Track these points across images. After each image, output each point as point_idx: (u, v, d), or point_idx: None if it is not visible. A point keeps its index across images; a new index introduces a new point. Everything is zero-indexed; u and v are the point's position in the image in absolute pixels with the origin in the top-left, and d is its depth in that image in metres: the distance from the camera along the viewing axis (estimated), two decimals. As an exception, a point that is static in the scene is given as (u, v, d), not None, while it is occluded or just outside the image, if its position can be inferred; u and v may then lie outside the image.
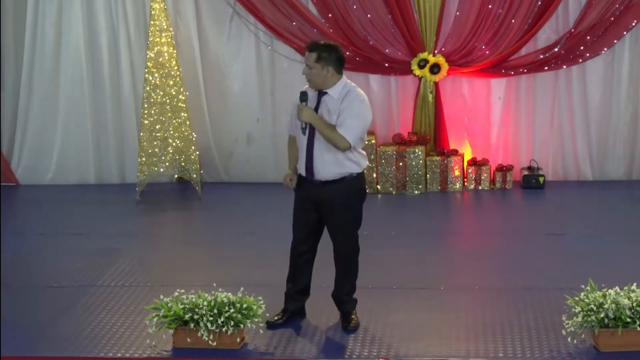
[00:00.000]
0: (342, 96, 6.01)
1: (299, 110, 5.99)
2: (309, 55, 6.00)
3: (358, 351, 5.85)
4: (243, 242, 8.14)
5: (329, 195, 6.02)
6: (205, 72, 10.14)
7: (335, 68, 6.02)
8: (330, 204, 6.04)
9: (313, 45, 6.05)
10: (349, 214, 6.11)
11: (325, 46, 6.04)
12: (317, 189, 6.05)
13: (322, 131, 5.95)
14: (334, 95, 6.01)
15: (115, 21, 10.08)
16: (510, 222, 8.80)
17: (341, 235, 6.12)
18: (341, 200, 6.04)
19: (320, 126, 5.95)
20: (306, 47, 6.09)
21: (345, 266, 6.20)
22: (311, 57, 5.98)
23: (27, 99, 10.25)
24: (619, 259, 7.45)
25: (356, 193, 6.13)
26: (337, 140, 5.93)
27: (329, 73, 6.01)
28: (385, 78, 10.06)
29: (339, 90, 6.03)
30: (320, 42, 6.15)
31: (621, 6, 9.53)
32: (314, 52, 5.99)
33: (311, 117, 5.97)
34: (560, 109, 9.99)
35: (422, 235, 8.36)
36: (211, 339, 5.75)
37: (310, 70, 6.00)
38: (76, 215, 9.24)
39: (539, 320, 6.23)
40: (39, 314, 6.56)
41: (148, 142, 9.48)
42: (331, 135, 5.94)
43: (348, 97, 6.00)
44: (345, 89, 6.04)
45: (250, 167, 10.20)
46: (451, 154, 9.85)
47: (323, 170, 6.01)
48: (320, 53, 5.98)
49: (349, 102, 5.99)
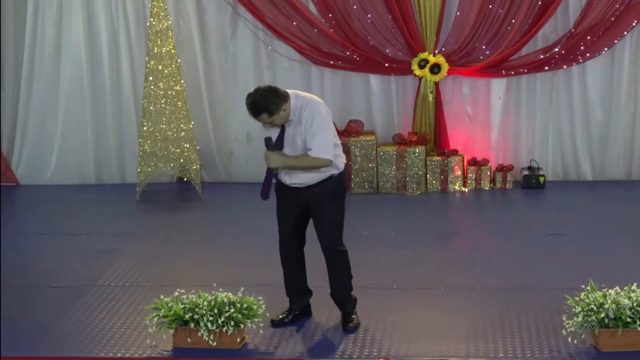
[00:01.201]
0: (298, 115, 5.92)
1: (267, 159, 5.95)
2: (261, 118, 5.83)
3: (358, 351, 5.85)
4: (243, 242, 8.15)
5: (314, 197, 6.04)
6: (205, 72, 10.14)
7: (285, 102, 5.87)
8: (315, 204, 6.05)
9: (255, 109, 5.81)
10: (334, 212, 6.10)
11: (265, 99, 5.81)
12: (301, 193, 6.06)
13: (298, 167, 5.96)
14: (292, 118, 5.95)
15: (115, 21, 10.09)
16: (510, 222, 8.80)
17: (328, 235, 6.10)
18: (327, 199, 6.05)
19: (294, 164, 5.96)
20: (250, 110, 5.83)
21: (335, 266, 6.19)
22: (264, 117, 5.83)
23: (27, 99, 10.25)
24: (619, 259, 7.45)
25: (339, 192, 6.13)
26: (317, 163, 5.93)
27: (286, 109, 5.89)
28: (386, 78, 10.06)
29: (294, 112, 5.93)
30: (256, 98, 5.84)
31: (621, 6, 9.52)
32: (263, 113, 5.81)
33: (281, 162, 5.95)
34: (560, 109, 9.99)
35: (422, 235, 8.36)
36: (211, 338, 5.75)
37: (272, 123, 5.89)
38: (76, 215, 9.24)
39: (539, 320, 6.23)
40: (39, 314, 6.56)
41: (148, 142, 9.48)
42: (309, 164, 5.94)
43: (304, 116, 5.90)
44: (297, 107, 5.92)
45: (250, 167, 10.20)
46: (451, 154, 9.85)
47: (305, 180, 6.03)
48: (269, 108, 5.81)
49: (307, 122, 5.89)
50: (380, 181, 9.82)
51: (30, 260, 7.87)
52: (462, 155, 9.90)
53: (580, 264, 7.33)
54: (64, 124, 10.28)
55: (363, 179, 9.82)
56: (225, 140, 10.30)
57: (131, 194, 9.69)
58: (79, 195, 10.01)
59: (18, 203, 9.82)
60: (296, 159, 5.96)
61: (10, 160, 10.45)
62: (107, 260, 7.67)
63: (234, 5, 9.97)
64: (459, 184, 9.81)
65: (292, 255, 6.25)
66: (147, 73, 9.44)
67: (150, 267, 7.55)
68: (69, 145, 10.32)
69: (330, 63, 9.92)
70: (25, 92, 10.23)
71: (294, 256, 6.25)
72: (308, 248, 6.28)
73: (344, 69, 9.95)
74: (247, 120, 10.09)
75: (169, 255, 7.91)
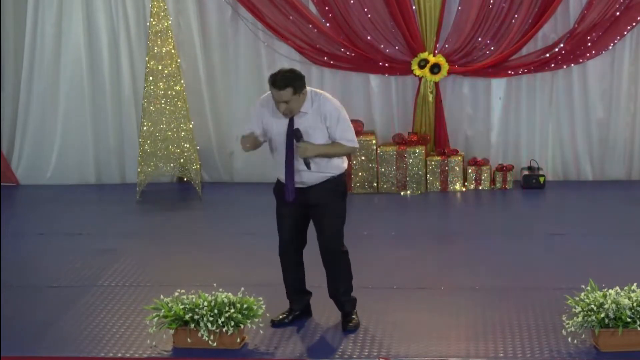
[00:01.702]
0: (314, 109, 5.92)
1: (303, 149, 5.87)
2: (284, 93, 5.79)
3: (358, 351, 5.85)
4: (243, 242, 8.14)
5: (317, 197, 6.02)
6: (205, 72, 10.14)
7: (305, 88, 5.91)
8: (318, 204, 6.03)
9: (284, 81, 5.80)
10: (336, 212, 6.09)
11: (294, 75, 5.86)
12: (302, 194, 6.03)
13: (331, 154, 5.96)
14: (307, 111, 5.93)
15: (115, 21, 10.09)
16: (510, 222, 8.80)
17: (330, 235, 6.09)
18: (329, 199, 6.04)
19: (328, 152, 5.95)
20: (275, 85, 5.79)
21: (336, 266, 6.17)
22: (287, 93, 5.81)
23: (27, 99, 10.25)
24: (619, 259, 7.45)
25: (341, 192, 6.13)
26: (347, 151, 6.05)
27: (305, 95, 5.92)
28: (386, 78, 10.06)
29: (310, 105, 5.94)
30: (285, 72, 5.88)
31: (622, 6, 9.52)
32: (289, 87, 5.80)
33: (316, 151, 5.92)
34: (560, 108, 9.99)
35: (422, 235, 8.36)
36: (211, 339, 5.75)
37: (289, 105, 5.86)
38: (76, 215, 9.25)
39: (539, 320, 6.23)
40: (39, 313, 6.56)
41: (148, 142, 9.48)
42: (340, 151, 6.00)
43: (327, 110, 5.92)
44: (315, 102, 5.94)
45: (250, 167, 10.20)
46: (451, 153, 9.85)
47: (310, 179, 6.01)
48: (295, 84, 5.82)
49: (332, 115, 5.92)
50: (380, 181, 9.82)
51: (30, 260, 7.87)
52: (462, 155, 9.90)
53: (580, 264, 7.33)
54: (64, 124, 10.28)
55: (363, 179, 9.82)
56: (225, 140, 10.30)
57: (131, 194, 9.70)
58: (79, 195, 10.02)
59: (18, 203, 9.82)
60: (328, 147, 5.96)
61: (10, 160, 10.46)
62: (107, 260, 7.67)
63: (234, 5, 9.97)
64: (459, 184, 9.81)
65: (292, 259, 6.23)
66: (147, 73, 9.44)
67: (150, 267, 7.55)
68: (69, 145, 10.33)
69: (330, 63, 9.93)
70: (25, 92, 10.24)
71: (294, 260, 6.24)
72: (307, 248, 6.27)
73: (344, 69, 9.95)
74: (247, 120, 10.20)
75: (169, 255, 7.91)
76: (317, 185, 6.02)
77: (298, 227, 6.15)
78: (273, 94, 5.86)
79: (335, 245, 6.11)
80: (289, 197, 5.98)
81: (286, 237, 6.18)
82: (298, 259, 6.25)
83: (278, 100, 5.84)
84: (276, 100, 5.85)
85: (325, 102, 5.96)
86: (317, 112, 5.93)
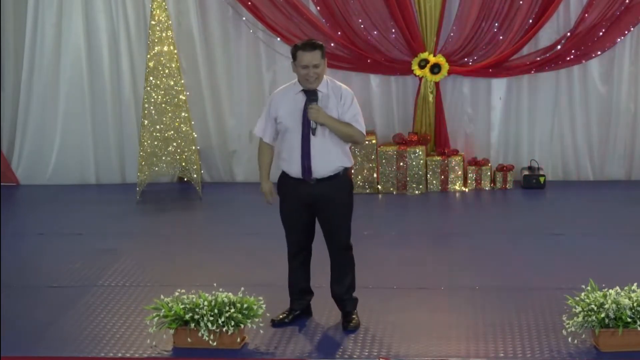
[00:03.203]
0: (332, 93, 5.97)
1: (314, 111, 5.87)
2: (314, 54, 5.87)
3: (358, 351, 5.85)
4: (243, 242, 8.15)
5: (326, 192, 6.00)
6: (205, 72, 10.14)
7: None
8: (327, 200, 6.02)
9: (314, 43, 5.94)
10: (346, 207, 6.10)
11: (319, 42, 6.01)
12: (311, 188, 6.01)
13: (339, 129, 5.93)
14: (323, 91, 5.98)
15: (115, 21, 10.09)
16: (510, 222, 8.80)
17: (340, 230, 6.10)
18: (338, 194, 6.04)
19: (337, 124, 5.93)
20: (306, 47, 5.90)
21: (344, 262, 6.19)
22: (317, 55, 5.88)
23: (27, 99, 10.25)
24: (619, 259, 7.45)
25: (350, 186, 6.15)
26: (355, 134, 5.99)
27: (324, 66, 6.00)
28: (386, 78, 10.06)
29: (325, 86, 5.99)
30: (310, 39, 6.09)
31: (622, 6, 9.53)
32: (318, 49, 5.90)
33: (327, 118, 5.91)
34: (560, 109, 9.99)
35: (422, 235, 8.36)
36: (212, 339, 5.75)
37: (317, 70, 5.92)
38: (76, 215, 9.25)
39: (539, 320, 6.23)
40: (39, 314, 6.56)
41: (148, 141, 9.48)
42: (349, 131, 5.96)
43: (343, 93, 5.98)
44: (330, 85, 6.00)
45: (250, 167, 10.20)
46: (451, 153, 9.85)
47: (322, 168, 5.98)
48: (322, 48, 5.94)
49: (347, 98, 5.97)
50: (380, 181, 9.82)
51: (30, 260, 7.87)
52: (462, 155, 9.90)
53: (581, 264, 7.33)
54: (64, 124, 10.28)
55: (363, 179, 9.82)
56: (226, 140, 10.31)
57: (131, 194, 9.70)
58: (79, 195, 10.02)
59: (18, 203, 9.82)
60: (338, 122, 5.93)
61: (11, 160, 10.46)
62: (107, 260, 7.67)
63: (234, 5, 9.97)
64: (459, 184, 9.81)
65: (301, 259, 6.22)
66: (147, 73, 9.44)
67: (151, 267, 7.54)
68: (69, 145, 10.33)
69: (330, 63, 9.91)
70: (25, 92, 10.24)
71: (303, 259, 6.23)
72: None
73: (344, 68, 9.95)
74: (248, 120, 10.23)
75: (169, 255, 7.91)
76: (327, 179, 5.99)
77: (307, 225, 6.14)
78: (304, 59, 5.86)
79: (346, 241, 6.13)
80: (306, 176, 5.95)
81: (295, 237, 6.16)
82: (306, 257, 6.25)
83: (309, 63, 5.86)
84: (307, 64, 5.86)
85: (340, 86, 6.04)
86: (333, 92, 5.97)
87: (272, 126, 6.09)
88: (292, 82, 6.11)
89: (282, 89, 6.15)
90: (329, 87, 5.99)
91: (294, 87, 6.05)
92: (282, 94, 6.09)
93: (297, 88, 6.02)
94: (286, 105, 6.02)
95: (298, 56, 5.90)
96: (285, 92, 6.07)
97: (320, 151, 5.95)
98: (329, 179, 6.01)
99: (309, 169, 5.96)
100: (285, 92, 6.08)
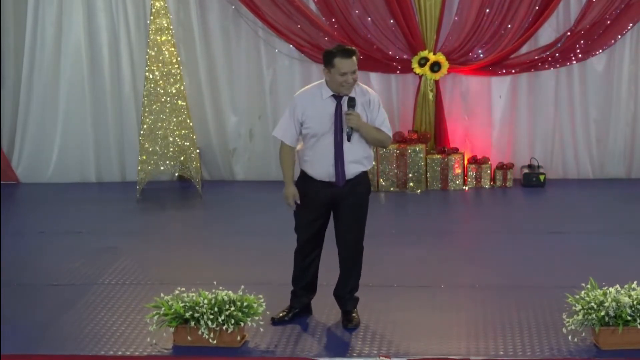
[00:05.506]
0: (357, 93, 5.94)
1: (353, 117, 5.86)
2: (352, 61, 5.82)
3: (359, 349, 5.85)
4: (244, 240, 8.14)
5: (348, 193, 6.00)
6: (205, 71, 10.14)
7: None
8: (348, 200, 6.02)
9: (351, 49, 5.89)
10: (364, 208, 6.12)
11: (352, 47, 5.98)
12: (336, 190, 6.01)
13: (372, 135, 5.96)
14: (351, 95, 5.95)
15: (115, 21, 10.09)
16: (510, 220, 8.80)
17: (356, 231, 6.12)
18: (359, 195, 6.06)
19: (371, 130, 5.96)
20: (345, 54, 5.82)
21: (354, 263, 6.20)
22: (355, 61, 5.84)
23: (27, 99, 10.26)
24: (619, 257, 7.45)
25: (369, 187, 6.18)
26: (385, 139, 6.05)
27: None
28: (386, 76, 10.06)
29: (353, 90, 5.95)
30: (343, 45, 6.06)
31: (622, 5, 9.53)
32: (354, 55, 5.86)
33: (363, 124, 5.91)
34: (560, 107, 10.00)
35: (422, 233, 8.36)
36: (212, 337, 5.75)
37: (354, 75, 5.89)
38: (77, 213, 9.25)
39: (540, 318, 6.23)
40: (40, 312, 6.56)
41: (149, 140, 9.48)
42: (380, 136, 6.01)
43: (372, 99, 5.99)
44: (357, 89, 5.96)
45: (251, 166, 10.21)
46: (452, 152, 9.85)
47: (350, 172, 5.99)
48: (357, 54, 5.92)
49: (375, 104, 6.00)
50: (380, 179, 9.82)
51: (31, 258, 7.87)
52: (462, 154, 9.90)
53: (581, 262, 7.34)
54: (64, 123, 10.29)
55: (363, 177, 9.81)
56: (226, 139, 10.31)
57: (131, 192, 9.70)
58: (80, 193, 10.02)
59: (18, 201, 9.83)
60: (372, 128, 5.97)
61: (11, 159, 10.46)
62: (108, 259, 7.67)
63: (234, 4, 9.97)
64: (460, 182, 9.82)
65: (310, 257, 6.21)
66: (147, 72, 9.44)
67: (151, 266, 7.54)
68: (70, 143, 10.33)
69: (330, 62, 9.92)
70: (25, 92, 10.24)
71: (312, 257, 6.22)
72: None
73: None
74: (248, 119, 10.23)
75: (170, 253, 7.91)
76: (350, 180, 5.99)
77: (322, 225, 6.14)
78: (343, 66, 5.80)
79: (360, 242, 6.16)
80: (339, 181, 5.96)
81: (307, 238, 6.15)
82: (314, 260, 6.23)
83: (349, 69, 5.82)
84: (347, 70, 5.81)
85: (366, 90, 6.05)
86: (361, 96, 5.96)
87: (296, 129, 6.00)
88: (315, 84, 6.05)
89: (307, 92, 6.03)
90: (356, 91, 5.97)
91: (320, 90, 5.97)
92: (308, 97, 5.98)
93: (326, 92, 5.94)
94: (314, 109, 5.94)
95: (336, 63, 5.82)
96: (312, 96, 5.97)
97: (351, 156, 5.96)
98: (352, 180, 6.02)
99: (343, 174, 5.96)
100: (311, 95, 5.98)
